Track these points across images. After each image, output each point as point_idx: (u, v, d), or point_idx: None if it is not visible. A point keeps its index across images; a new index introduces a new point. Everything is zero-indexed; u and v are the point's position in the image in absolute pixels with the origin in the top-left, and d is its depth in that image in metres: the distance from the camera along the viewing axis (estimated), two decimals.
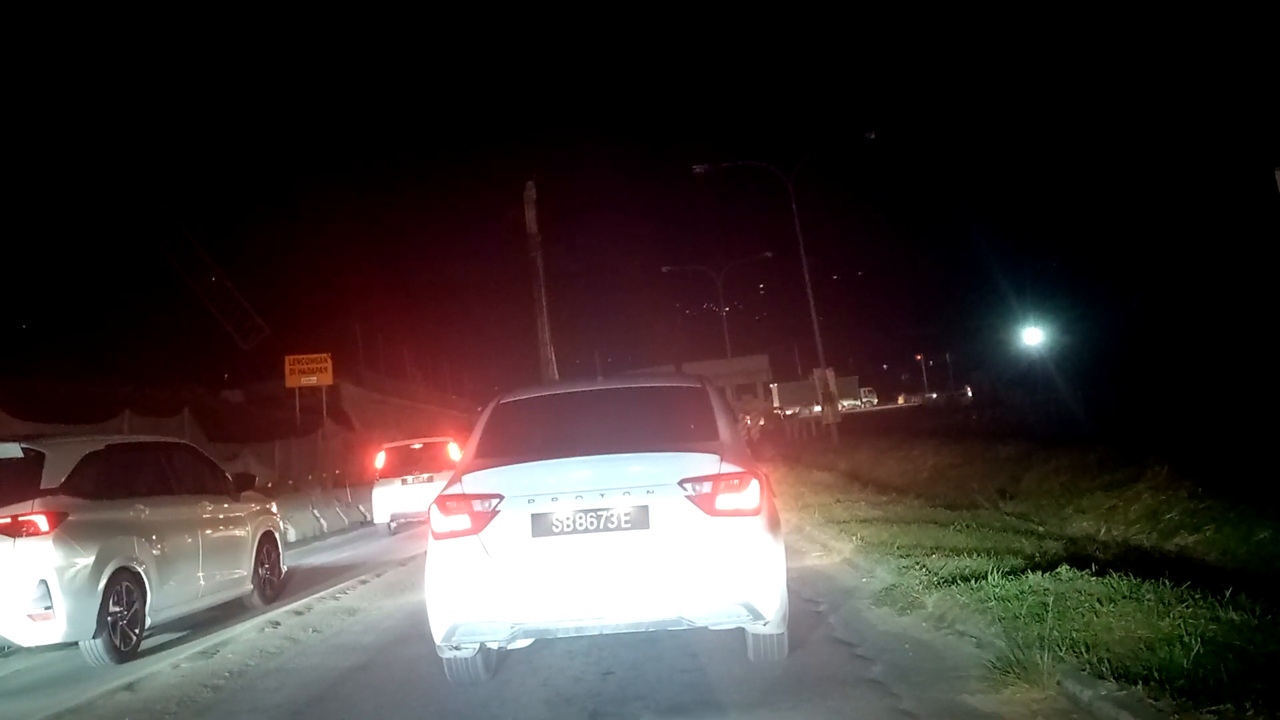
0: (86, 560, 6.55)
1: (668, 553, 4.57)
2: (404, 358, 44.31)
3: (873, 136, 29.03)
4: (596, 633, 4.85)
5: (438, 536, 4.80)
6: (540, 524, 4.64)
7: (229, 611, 8.62)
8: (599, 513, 4.62)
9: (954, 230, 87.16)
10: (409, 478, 17.11)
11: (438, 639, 4.80)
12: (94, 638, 6.56)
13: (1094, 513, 10.60)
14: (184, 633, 7.84)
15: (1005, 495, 12.87)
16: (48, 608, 6.28)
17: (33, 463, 6.68)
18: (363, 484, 22.91)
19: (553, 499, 4.65)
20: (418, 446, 18.61)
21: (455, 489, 4.81)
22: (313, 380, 28.18)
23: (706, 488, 4.63)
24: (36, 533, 6.37)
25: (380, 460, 18.09)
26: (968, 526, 9.34)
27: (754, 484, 4.72)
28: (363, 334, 39.16)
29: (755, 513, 4.68)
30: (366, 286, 43.30)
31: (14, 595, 6.26)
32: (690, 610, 4.60)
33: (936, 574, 6.39)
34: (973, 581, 5.83)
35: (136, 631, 7.02)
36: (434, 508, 4.85)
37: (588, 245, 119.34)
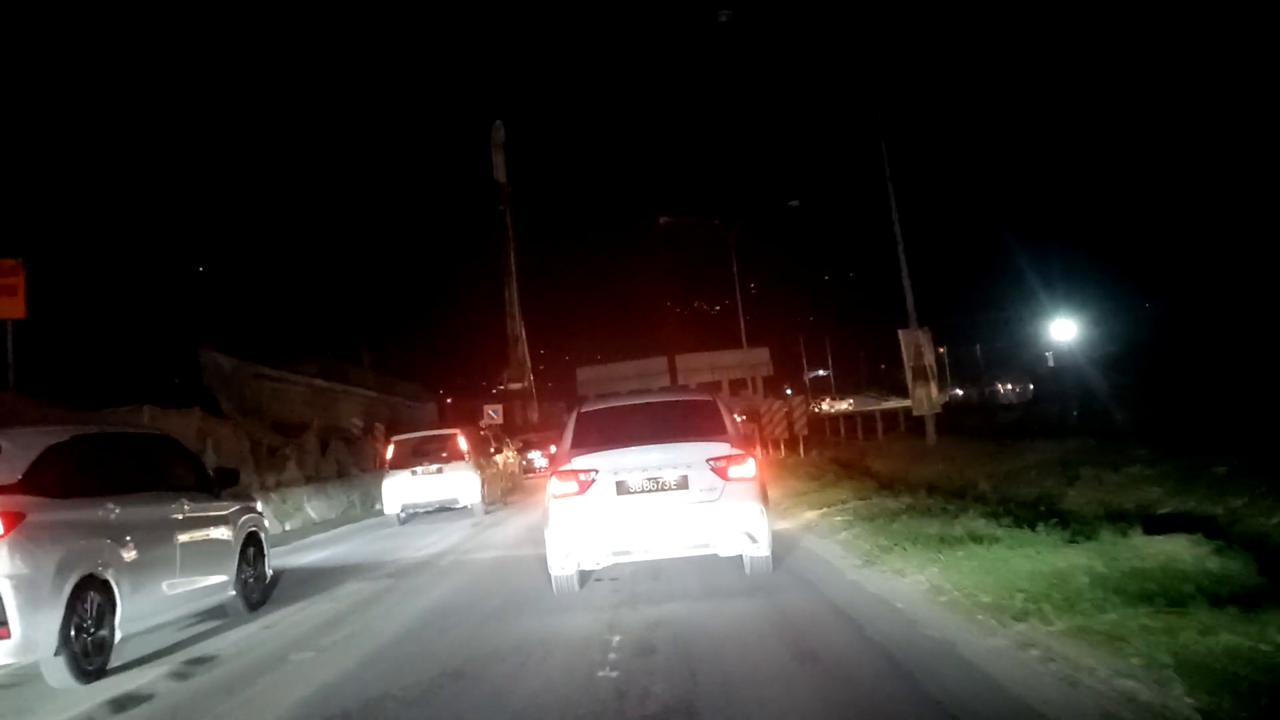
0: (48, 567, 5.95)
1: (700, 504, 7.40)
2: (327, 333, 34.68)
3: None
4: (657, 557, 7.80)
5: (556, 497, 7.55)
6: (621, 488, 7.47)
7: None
8: (657, 479, 7.46)
9: (977, 214, 78.71)
10: (418, 469, 17.21)
11: (554, 561, 7.58)
12: (55, 655, 5.91)
13: None
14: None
15: None
16: (1, 623, 5.59)
17: None
18: None
19: (629, 472, 7.47)
20: (427, 438, 18.85)
21: (566, 467, 7.59)
22: None
23: (723, 463, 7.46)
24: None
25: (390, 452, 18.16)
26: None
27: (751, 460, 7.58)
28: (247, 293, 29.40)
29: (753, 479, 7.53)
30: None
31: None
32: (714, 540, 7.49)
33: None
34: None
35: (105, 647, 6.41)
36: (553, 478, 7.69)
37: (568, 214, 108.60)
